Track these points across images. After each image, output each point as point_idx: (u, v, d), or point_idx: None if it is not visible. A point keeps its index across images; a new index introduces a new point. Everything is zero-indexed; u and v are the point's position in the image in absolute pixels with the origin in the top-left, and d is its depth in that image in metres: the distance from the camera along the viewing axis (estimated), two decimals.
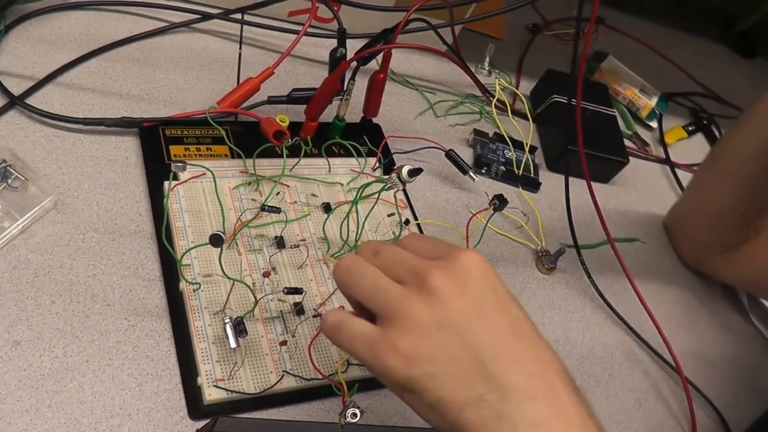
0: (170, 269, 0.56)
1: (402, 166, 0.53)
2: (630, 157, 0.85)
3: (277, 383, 0.53)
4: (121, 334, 0.52)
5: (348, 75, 0.64)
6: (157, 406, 0.50)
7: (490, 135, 0.80)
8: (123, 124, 0.62)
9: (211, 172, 0.58)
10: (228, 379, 0.52)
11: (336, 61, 0.64)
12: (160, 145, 0.63)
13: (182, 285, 0.55)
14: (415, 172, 0.53)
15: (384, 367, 0.39)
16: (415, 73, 0.86)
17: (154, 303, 0.54)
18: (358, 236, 0.61)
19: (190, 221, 0.59)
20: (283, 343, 0.55)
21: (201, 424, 0.49)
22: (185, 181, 0.61)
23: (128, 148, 0.63)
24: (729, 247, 0.76)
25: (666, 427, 0.66)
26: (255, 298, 0.55)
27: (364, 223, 0.63)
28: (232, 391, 0.51)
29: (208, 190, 0.61)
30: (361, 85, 0.66)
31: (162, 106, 0.67)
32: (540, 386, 0.38)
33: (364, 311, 0.42)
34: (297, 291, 0.56)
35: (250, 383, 0.52)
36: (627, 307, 0.72)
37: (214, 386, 0.51)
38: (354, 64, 0.62)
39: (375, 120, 0.73)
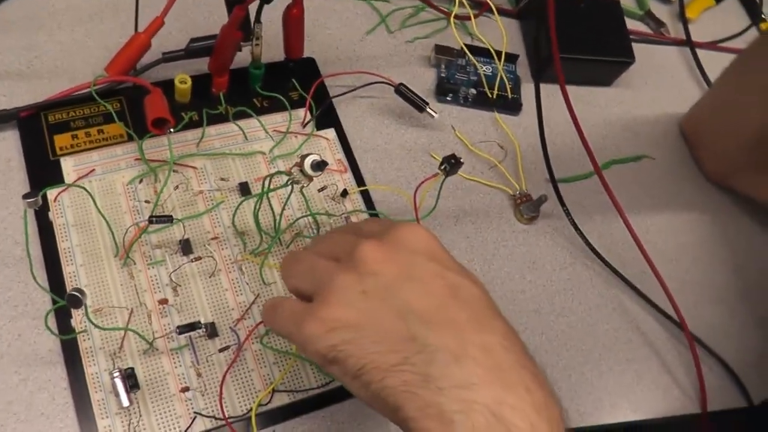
0: (63, 297, 0.48)
1: (305, 157, 0.44)
2: (642, 44, 0.72)
3: (187, 429, 0.47)
4: (12, 392, 0.46)
5: (253, 15, 0.53)
6: None
7: (456, 49, 0.66)
8: None
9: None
10: None
11: (230, 4, 0.52)
12: (42, 137, 0.54)
13: (74, 322, 0.48)
14: (319, 166, 0.44)
15: (306, 337, 0.38)
16: None
17: (47, 346, 0.48)
18: (277, 223, 0.52)
19: (79, 239, 0.51)
20: (199, 374, 0.48)
21: None
22: (67, 187, 0.52)
23: (8, 146, 0.54)
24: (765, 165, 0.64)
25: (670, 399, 0.57)
26: (152, 333, 0.49)
27: (285, 204, 0.54)
28: None
29: (99, 192, 0.52)
30: (276, 17, 0.55)
31: (47, 81, 0.57)
32: (473, 349, 0.35)
33: (305, 298, 0.41)
34: (192, 327, 0.48)
35: None
36: (625, 252, 0.62)
37: None
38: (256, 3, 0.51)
39: (308, 54, 0.61)
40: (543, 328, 0.57)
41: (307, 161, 0.44)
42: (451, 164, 0.52)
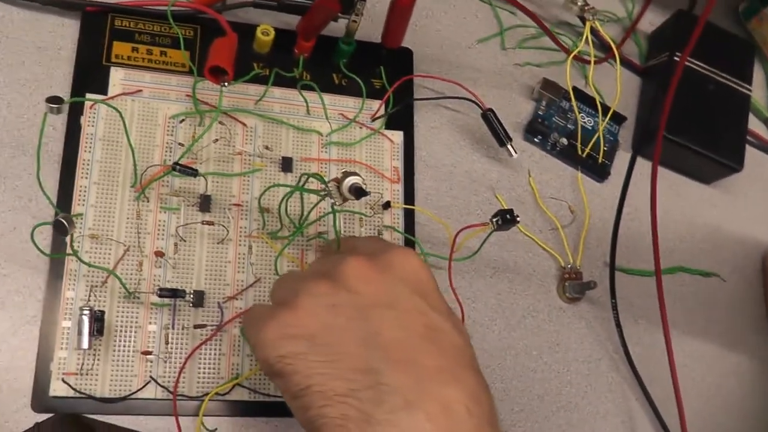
0: (68, 209, 0.47)
1: (348, 175, 0.41)
2: (759, 151, 0.66)
3: (138, 391, 0.45)
4: None
5: None
6: (1, 384, 0.43)
7: (564, 89, 0.60)
8: (60, 5, 0.51)
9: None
10: (81, 374, 0.44)
11: None
12: (102, 39, 0.52)
13: (68, 239, 0.46)
14: (359, 192, 0.41)
15: (258, 340, 0.36)
16: None
17: (37, 251, 0.45)
18: (303, 220, 0.48)
19: (102, 154, 0.49)
20: (167, 341, 0.46)
21: (42, 417, 0.43)
22: (112, 98, 0.49)
23: (65, 35, 0.52)
24: None
25: None
26: (138, 280, 0.47)
27: (316, 205, 0.50)
28: (77, 391, 0.44)
29: (139, 115, 0.49)
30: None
31: None
32: (431, 402, 0.32)
33: None
34: (174, 293, 0.45)
35: (106, 384, 0.45)
36: (657, 370, 0.57)
37: (62, 380, 0.44)
38: None
39: (408, 45, 0.57)
40: (539, 417, 0.54)
41: (347, 182, 0.40)
42: (505, 220, 0.48)
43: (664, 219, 0.62)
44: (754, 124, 0.71)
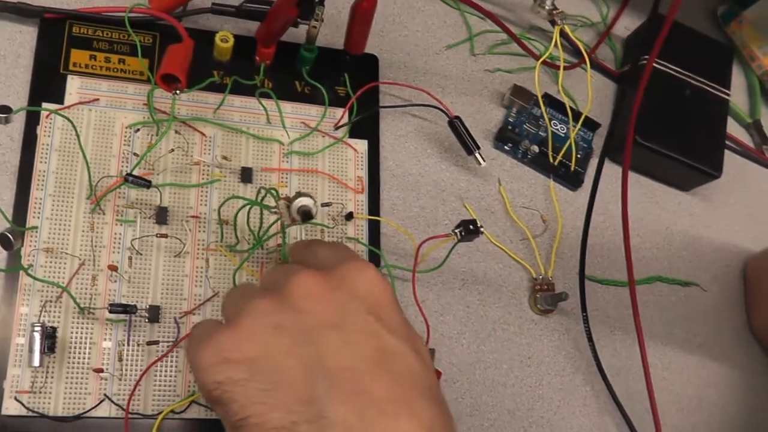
0: (23, 222, 0.46)
1: (299, 196, 0.39)
2: (738, 156, 0.65)
3: (91, 409, 0.44)
4: None
5: None
6: None
7: (536, 96, 0.59)
8: (18, 12, 0.51)
9: None
10: (34, 392, 0.43)
11: None
12: (60, 46, 0.51)
13: (23, 251, 0.46)
14: (306, 216, 0.39)
15: (196, 364, 0.33)
16: None
17: None
18: (263, 232, 0.47)
19: (58, 165, 0.48)
20: (120, 358, 0.44)
21: None
22: (68, 107, 0.49)
23: (23, 43, 0.51)
24: None
25: None
26: (91, 295, 0.45)
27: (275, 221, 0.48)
28: (30, 410, 0.43)
29: (95, 125, 0.49)
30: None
31: None
32: None
33: None
34: (125, 309, 0.44)
35: (59, 402, 0.44)
36: (634, 383, 0.56)
37: (15, 398, 0.43)
38: None
39: (374, 51, 0.56)
40: None
41: (297, 203, 0.39)
42: (468, 231, 0.47)
43: (641, 228, 0.61)
44: (734, 129, 0.70)
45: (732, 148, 0.68)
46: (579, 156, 0.60)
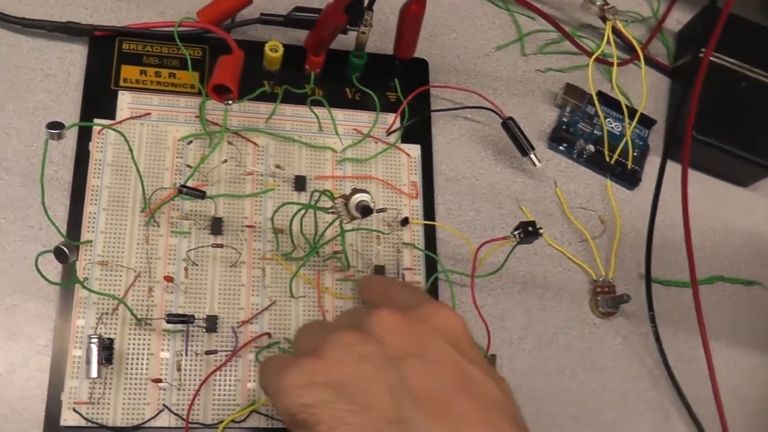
0: (77, 236, 0.47)
1: (356, 192, 0.40)
2: None
3: (150, 420, 0.44)
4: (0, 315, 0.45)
5: None
6: (12, 415, 0.43)
7: (589, 94, 0.58)
8: (68, 31, 0.51)
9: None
10: (92, 403, 0.44)
11: None
12: (110, 62, 0.52)
13: (78, 265, 0.46)
14: (365, 211, 0.40)
15: (280, 387, 0.34)
16: None
17: (48, 278, 0.45)
18: (318, 238, 0.47)
19: (111, 180, 0.49)
20: (179, 368, 0.44)
21: None
22: (120, 122, 0.49)
23: (73, 61, 0.52)
24: None
25: None
26: (148, 307, 0.46)
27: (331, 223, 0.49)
28: (89, 421, 0.43)
29: (147, 139, 0.49)
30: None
31: (134, 8, 0.54)
32: None
33: None
34: (183, 319, 0.44)
35: (118, 413, 0.44)
36: (700, 386, 0.54)
37: (73, 410, 0.43)
38: None
39: (423, 55, 0.56)
40: None
41: (354, 199, 0.39)
42: (528, 232, 0.46)
43: (700, 225, 0.59)
44: None
45: None
46: (635, 154, 0.59)
